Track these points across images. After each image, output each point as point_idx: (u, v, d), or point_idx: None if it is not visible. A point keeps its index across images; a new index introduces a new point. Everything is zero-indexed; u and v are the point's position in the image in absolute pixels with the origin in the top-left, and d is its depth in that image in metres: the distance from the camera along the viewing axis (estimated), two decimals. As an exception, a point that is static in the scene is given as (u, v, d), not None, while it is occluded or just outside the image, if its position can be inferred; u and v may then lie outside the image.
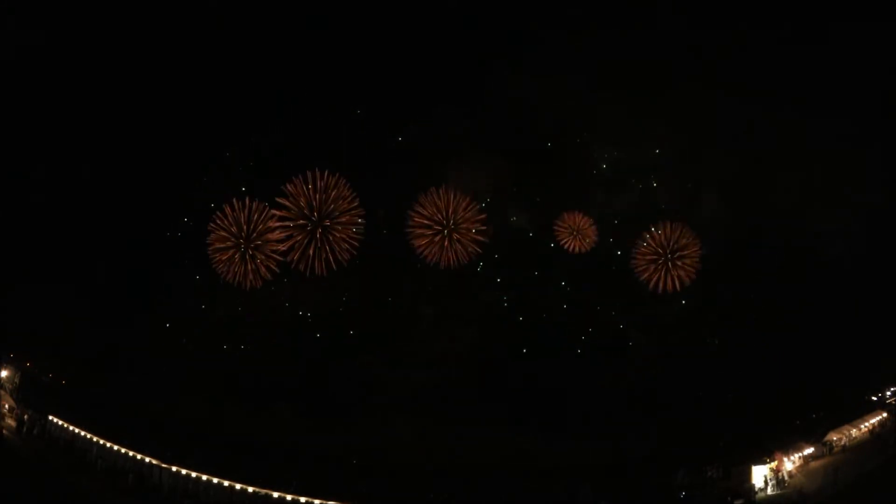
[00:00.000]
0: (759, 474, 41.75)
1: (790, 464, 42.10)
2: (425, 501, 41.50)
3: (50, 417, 46.48)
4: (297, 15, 49.19)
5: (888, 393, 45.51)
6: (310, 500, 40.21)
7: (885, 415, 44.77)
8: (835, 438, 44.07)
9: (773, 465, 42.01)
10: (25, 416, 46.96)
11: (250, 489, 40.97)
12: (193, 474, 41.94)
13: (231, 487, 41.17)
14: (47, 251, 48.35)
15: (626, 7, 48.35)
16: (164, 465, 42.51)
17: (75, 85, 48.52)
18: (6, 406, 47.22)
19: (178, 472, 42.20)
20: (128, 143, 48.89)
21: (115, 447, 43.92)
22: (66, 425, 45.89)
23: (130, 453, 43.44)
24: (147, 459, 42.94)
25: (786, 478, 41.76)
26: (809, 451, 42.87)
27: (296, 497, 40.29)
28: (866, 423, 44.82)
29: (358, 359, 48.46)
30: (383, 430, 46.23)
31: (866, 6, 45.96)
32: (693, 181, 50.09)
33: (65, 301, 48.11)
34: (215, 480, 41.55)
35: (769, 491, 41.39)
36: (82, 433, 45.26)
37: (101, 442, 44.42)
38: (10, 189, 47.69)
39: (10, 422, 46.86)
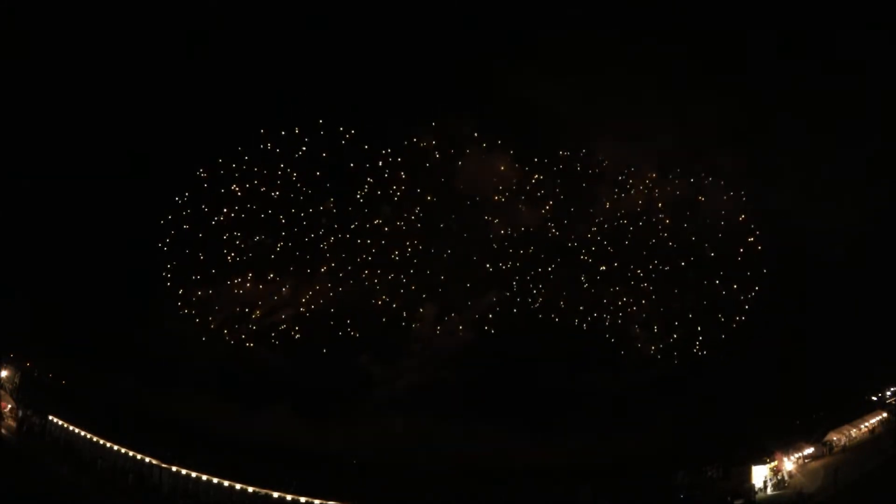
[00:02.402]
0: (759, 474, 41.73)
1: (790, 464, 42.09)
2: (425, 502, 41.51)
3: (50, 417, 46.47)
4: (297, 15, 49.06)
5: (888, 393, 45.50)
6: (310, 500, 40.19)
7: (885, 415, 44.78)
8: (835, 438, 44.08)
9: (773, 465, 42.00)
10: (26, 417, 46.98)
11: (250, 489, 40.96)
12: (193, 474, 41.92)
13: (231, 487, 41.15)
14: (47, 251, 48.29)
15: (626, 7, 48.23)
16: (164, 465, 42.49)
17: (73, 85, 48.36)
18: (6, 406, 47.22)
19: (178, 472, 42.20)
20: (129, 143, 48.75)
21: (115, 447, 43.92)
22: (66, 425, 45.88)
23: (130, 453, 43.43)
24: (147, 459, 42.92)
25: (786, 478, 41.76)
26: (809, 451, 42.85)
27: (296, 497, 40.26)
28: (866, 423, 44.84)
29: (359, 358, 48.34)
30: (383, 430, 46.21)
31: (867, 8, 45.91)
32: (694, 181, 49.95)
33: (65, 301, 48.08)
34: (215, 480, 41.54)
35: (769, 491, 41.39)
36: (82, 433, 45.25)
37: (101, 442, 44.41)
38: (9, 189, 47.59)
39: (10, 422, 46.89)
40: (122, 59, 48.36)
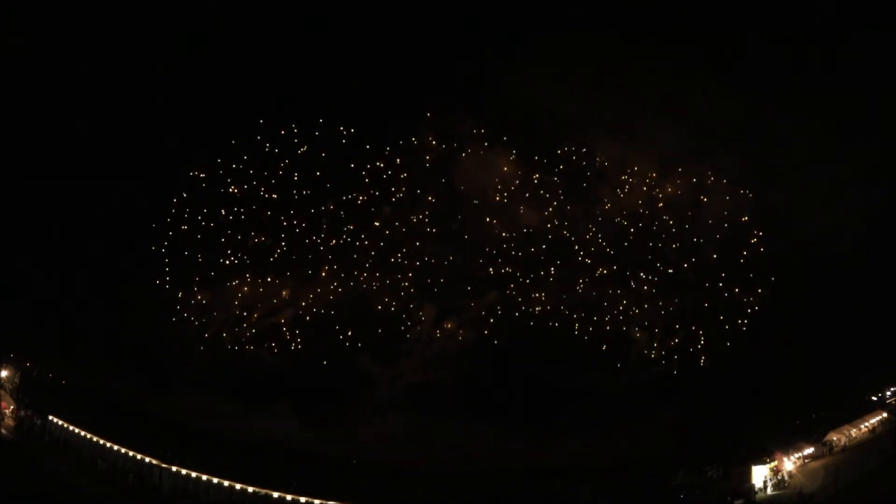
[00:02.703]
0: (759, 474, 41.71)
1: (790, 464, 42.09)
2: (425, 502, 41.54)
3: (50, 417, 46.48)
4: (297, 14, 48.99)
5: (888, 393, 45.47)
6: (310, 500, 40.22)
7: (885, 415, 44.76)
8: (835, 438, 44.05)
9: (773, 465, 42.00)
10: (26, 417, 46.98)
11: (250, 489, 40.99)
12: (193, 474, 41.95)
13: (231, 487, 41.19)
14: (47, 251, 48.28)
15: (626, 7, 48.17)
16: (164, 465, 42.51)
17: (72, 85, 48.29)
18: (6, 406, 47.21)
19: (178, 472, 42.22)
20: (128, 143, 48.69)
21: (115, 447, 43.94)
22: (66, 425, 45.90)
23: (130, 453, 43.45)
24: (147, 459, 42.94)
25: (786, 478, 41.75)
26: (809, 451, 42.85)
27: (296, 497, 40.29)
28: (866, 423, 44.81)
29: (359, 359, 48.34)
30: (383, 430, 46.25)
31: (867, 8, 45.87)
32: (695, 181, 49.86)
33: (65, 301, 48.06)
34: (215, 480, 41.58)
35: (769, 491, 41.39)
36: (82, 433, 45.27)
37: (101, 442, 44.43)
38: (9, 189, 47.55)
39: (10, 422, 46.89)
40: (120, 59, 48.36)
